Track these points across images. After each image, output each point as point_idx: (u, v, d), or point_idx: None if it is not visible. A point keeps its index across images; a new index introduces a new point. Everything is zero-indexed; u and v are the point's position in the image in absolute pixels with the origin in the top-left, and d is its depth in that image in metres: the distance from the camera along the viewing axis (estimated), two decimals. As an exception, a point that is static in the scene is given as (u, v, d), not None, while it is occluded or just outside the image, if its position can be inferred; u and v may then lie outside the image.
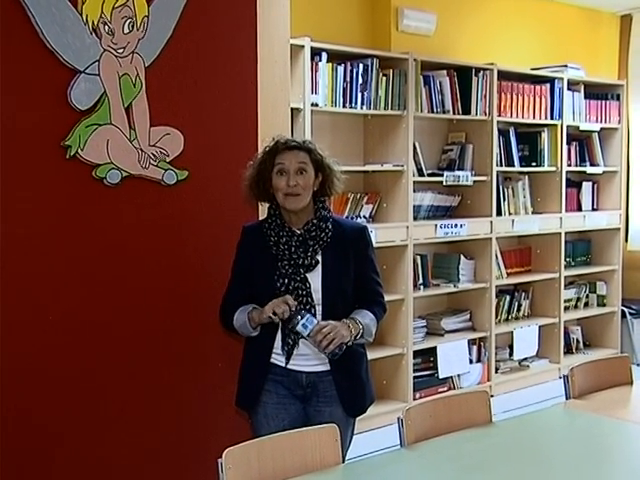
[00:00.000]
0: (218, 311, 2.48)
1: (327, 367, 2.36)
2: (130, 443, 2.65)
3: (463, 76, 4.48)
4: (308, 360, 2.36)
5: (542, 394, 4.41)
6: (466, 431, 2.23)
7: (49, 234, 2.48)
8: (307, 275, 2.33)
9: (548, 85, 4.99)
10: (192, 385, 2.77)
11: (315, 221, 2.38)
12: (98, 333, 2.57)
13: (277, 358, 2.36)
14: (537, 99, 4.93)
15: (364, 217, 4.21)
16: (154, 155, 2.63)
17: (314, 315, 2.30)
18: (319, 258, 2.36)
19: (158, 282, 2.68)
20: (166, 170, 2.66)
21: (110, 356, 2.60)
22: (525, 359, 5.02)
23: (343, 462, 2.08)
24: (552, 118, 5.02)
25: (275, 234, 2.36)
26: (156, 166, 2.64)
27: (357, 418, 2.45)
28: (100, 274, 2.57)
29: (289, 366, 2.35)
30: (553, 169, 5.07)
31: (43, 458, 2.49)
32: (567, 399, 2.55)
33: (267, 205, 2.48)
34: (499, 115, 4.68)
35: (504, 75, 4.72)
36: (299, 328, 2.25)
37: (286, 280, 2.32)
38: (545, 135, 5.01)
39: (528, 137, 4.99)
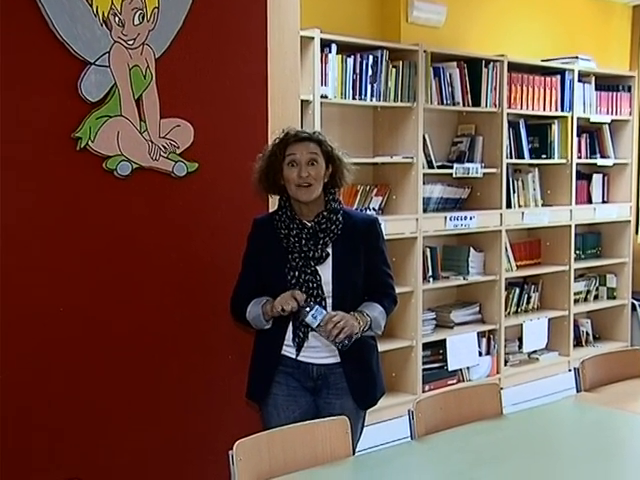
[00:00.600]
0: (228, 304, 2.48)
1: (337, 359, 2.36)
2: (139, 436, 2.66)
3: (473, 68, 4.46)
4: (318, 352, 2.36)
5: (551, 387, 4.40)
6: (476, 424, 2.22)
7: (59, 226, 2.48)
8: (317, 268, 2.33)
9: (559, 77, 4.96)
10: (202, 378, 2.77)
11: (325, 213, 2.37)
12: (107, 326, 2.58)
13: (288, 350, 2.37)
14: (547, 91, 4.89)
15: (373, 209, 4.20)
16: (164, 147, 2.63)
17: (324, 307, 2.30)
18: (329, 250, 2.36)
19: (168, 275, 2.68)
20: (176, 162, 2.66)
21: (118, 349, 2.60)
22: (534, 352, 5.01)
23: (353, 454, 2.08)
24: (562, 110, 4.99)
25: (285, 226, 2.36)
26: (166, 158, 2.64)
27: (367, 410, 2.45)
28: (109, 266, 2.58)
29: (299, 358, 2.35)
30: (563, 161, 5.04)
31: (47, 451, 2.49)
32: (578, 392, 2.54)
33: (277, 197, 2.48)
34: (509, 107, 4.65)
35: (514, 67, 4.69)
36: (308, 319, 2.25)
37: (296, 273, 2.32)
38: (555, 127, 4.98)
39: (538, 129, 4.96)
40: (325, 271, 2.34)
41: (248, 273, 2.43)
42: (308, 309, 2.24)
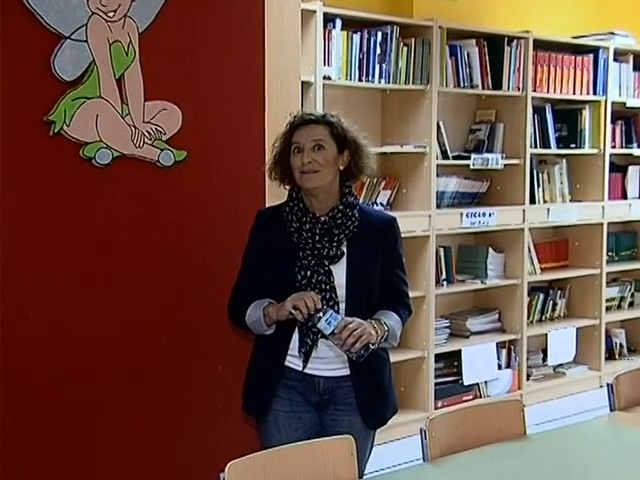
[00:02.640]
0: (224, 307, 2.48)
1: (347, 372, 2.37)
2: (122, 456, 2.67)
3: (494, 46, 4.47)
4: (327, 364, 2.36)
5: (580, 405, 4.42)
6: (497, 445, 2.23)
7: (27, 221, 2.48)
8: (331, 267, 2.34)
9: (591, 56, 4.96)
10: (192, 389, 2.79)
11: (341, 207, 2.38)
12: (84, 332, 2.59)
13: (292, 361, 2.37)
14: (578, 72, 4.90)
15: (381, 204, 4.22)
16: (149, 133, 2.63)
17: (337, 312, 2.30)
18: (344, 249, 2.37)
19: (153, 275, 2.69)
20: (162, 150, 2.66)
21: (94, 356, 2.61)
22: (561, 365, 5.02)
23: (360, 478, 2.09)
24: (595, 93, 5.00)
25: (297, 220, 2.37)
26: (151, 145, 2.64)
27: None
28: (88, 266, 2.58)
29: (306, 370, 2.35)
30: (595, 151, 5.05)
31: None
32: (611, 411, 2.55)
33: (276, 188, 2.49)
34: (534, 90, 4.67)
35: (541, 44, 4.70)
36: (321, 325, 2.24)
37: (308, 272, 2.32)
38: (586, 113, 4.99)
39: (567, 115, 4.97)
40: (339, 272, 2.35)
41: (249, 271, 2.43)
42: (321, 313, 2.23)
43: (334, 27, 3.87)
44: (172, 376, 2.75)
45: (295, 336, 2.35)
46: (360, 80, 3.99)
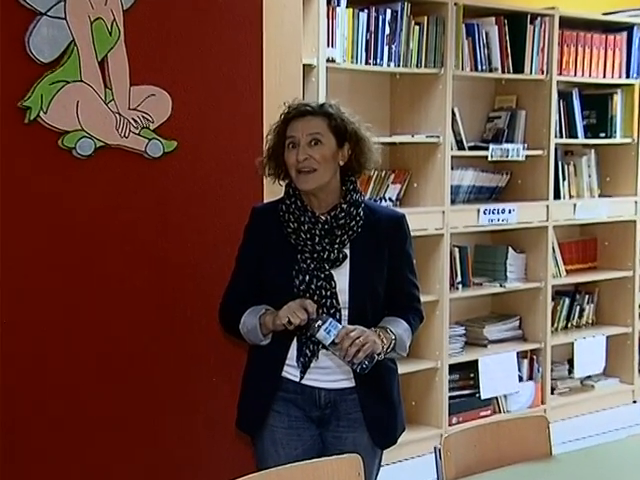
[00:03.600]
0: (216, 312, 2.48)
1: (351, 383, 2.37)
2: (112, 472, 2.67)
3: (515, 24, 4.46)
4: (328, 374, 2.37)
5: (611, 422, 4.43)
6: (519, 466, 2.23)
7: (3, 216, 2.48)
8: (332, 272, 2.34)
9: (624, 34, 4.94)
10: (182, 404, 2.80)
11: (344, 206, 2.38)
12: (63, 334, 2.60)
13: (290, 371, 2.38)
14: (609, 52, 4.88)
15: (389, 200, 4.22)
16: (135, 121, 2.65)
17: (339, 321, 2.31)
18: (347, 252, 2.37)
19: (139, 277, 2.71)
20: (150, 139, 2.67)
21: (72, 363, 2.61)
22: (589, 377, 5.01)
23: (367, 501, 2.10)
24: (628, 77, 4.98)
25: (295, 219, 2.37)
26: (138, 134, 2.65)
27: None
28: (68, 267, 2.59)
29: (304, 381, 2.36)
30: (627, 141, 5.04)
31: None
32: (646, 428, 2.56)
33: (273, 183, 2.49)
34: (560, 73, 4.66)
35: (567, 22, 4.68)
36: (320, 335, 2.25)
37: (307, 277, 2.33)
38: (618, 98, 4.98)
39: (596, 101, 4.96)
40: (341, 277, 2.36)
41: (244, 273, 2.44)
42: (320, 322, 2.24)
43: (338, 4, 3.86)
44: (160, 389, 2.76)
45: (294, 345, 2.36)
46: (367, 63, 3.99)
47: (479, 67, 4.38)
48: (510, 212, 4.52)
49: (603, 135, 4.98)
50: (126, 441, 2.71)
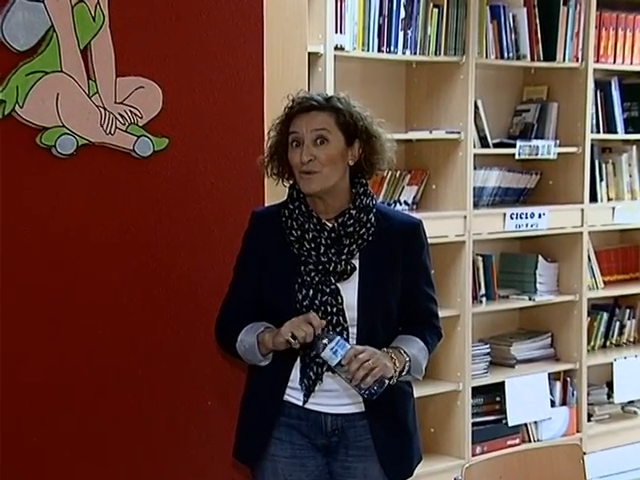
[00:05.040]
0: (212, 327, 2.50)
1: (361, 408, 2.38)
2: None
3: (546, 6, 4.48)
4: (335, 398, 2.38)
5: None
6: (550, 500, 2.25)
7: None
8: (339, 285, 2.35)
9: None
10: (175, 431, 2.81)
11: (354, 212, 2.39)
12: (39, 351, 2.61)
13: (293, 395, 2.39)
14: (653, 37, 4.90)
15: (405, 203, 4.23)
16: (122, 116, 2.66)
17: (346, 339, 2.31)
18: (356, 263, 2.38)
19: (127, 289, 2.72)
20: (139, 137, 2.69)
21: (48, 383, 2.63)
22: (631, 403, 5.01)
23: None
24: (674, 64, 5.00)
25: (298, 226, 2.38)
26: (125, 131, 2.67)
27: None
28: (47, 277, 2.61)
29: (309, 405, 2.37)
30: (672, 137, 5.05)
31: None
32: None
33: (277, 184, 2.50)
34: (597, 61, 4.66)
35: (606, 3, 4.68)
36: (326, 355, 2.25)
37: (311, 291, 2.34)
38: (662, 89, 5.00)
39: (638, 91, 4.98)
40: (349, 291, 2.36)
41: (242, 284, 2.45)
42: (326, 341, 2.25)
43: (348, -15, 3.90)
44: (147, 415, 2.77)
45: (297, 365, 2.37)
46: (380, 51, 4.00)
47: (505, 54, 4.39)
48: (540, 217, 4.52)
49: (645, 130, 4.99)
50: (111, 477, 2.73)
